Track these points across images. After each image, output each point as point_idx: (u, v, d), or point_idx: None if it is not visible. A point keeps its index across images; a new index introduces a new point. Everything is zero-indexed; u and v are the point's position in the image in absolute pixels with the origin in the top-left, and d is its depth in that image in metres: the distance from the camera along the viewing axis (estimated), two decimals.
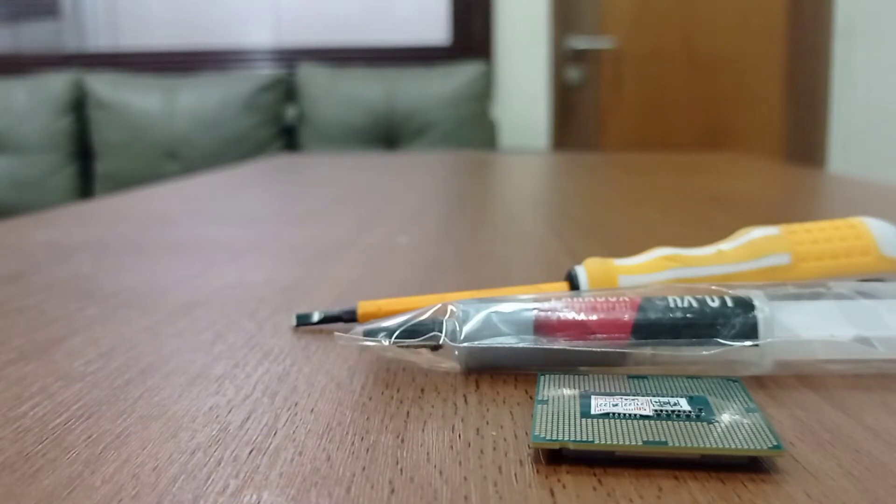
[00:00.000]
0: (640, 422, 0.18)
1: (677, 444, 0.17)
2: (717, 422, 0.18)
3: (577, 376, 0.21)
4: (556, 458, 0.17)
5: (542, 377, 0.21)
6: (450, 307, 0.23)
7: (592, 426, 0.18)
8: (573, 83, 2.26)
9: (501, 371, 0.23)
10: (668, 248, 0.29)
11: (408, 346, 0.23)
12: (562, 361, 0.22)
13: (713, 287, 0.23)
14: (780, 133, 2.33)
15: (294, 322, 0.28)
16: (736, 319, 0.22)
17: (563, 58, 2.24)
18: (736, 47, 2.29)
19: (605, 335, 0.22)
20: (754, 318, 0.22)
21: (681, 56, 2.28)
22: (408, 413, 0.20)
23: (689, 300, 0.22)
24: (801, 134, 2.36)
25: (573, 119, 2.29)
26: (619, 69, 2.27)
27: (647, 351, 0.22)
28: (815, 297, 0.23)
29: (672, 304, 0.22)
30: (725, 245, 0.29)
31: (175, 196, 0.72)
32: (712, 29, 2.28)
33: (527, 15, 2.17)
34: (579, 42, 2.23)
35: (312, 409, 0.20)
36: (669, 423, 0.18)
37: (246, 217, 0.56)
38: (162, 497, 0.16)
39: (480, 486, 0.16)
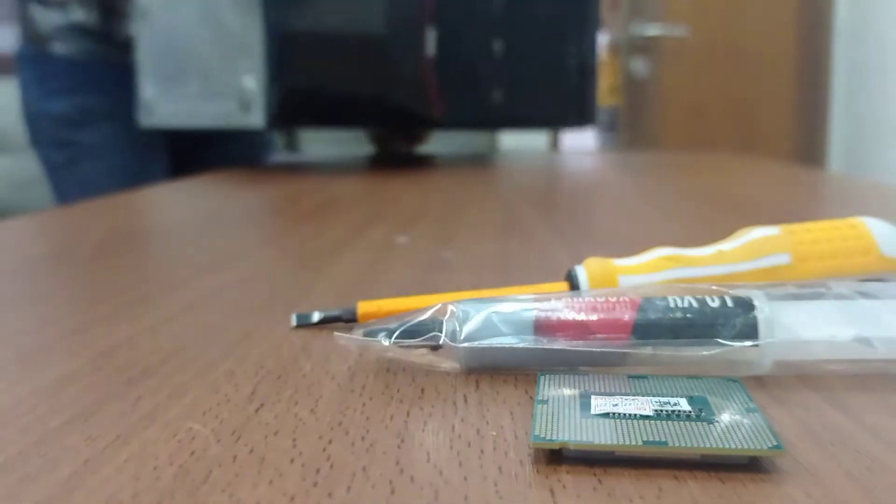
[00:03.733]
0: (640, 422, 0.18)
1: (677, 444, 0.17)
2: (717, 422, 0.18)
3: (577, 376, 0.21)
4: (556, 458, 0.17)
5: (542, 377, 0.21)
6: (450, 307, 0.23)
7: (592, 426, 0.18)
8: None
9: (501, 371, 0.23)
10: (668, 248, 0.29)
11: (408, 346, 0.23)
12: (562, 361, 0.22)
13: (713, 287, 0.23)
14: (790, 134, 2.33)
15: (294, 322, 0.28)
16: (736, 319, 0.22)
17: None
18: (758, 45, 2.27)
19: (605, 335, 0.22)
20: (754, 318, 0.22)
21: (721, 52, 2.24)
22: (408, 413, 0.20)
23: (689, 300, 0.22)
24: (803, 134, 2.36)
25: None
26: (674, 64, 2.23)
27: (648, 351, 0.22)
28: (816, 297, 0.23)
29: (672, 304, 0.22)
30: (725, 245, 0.29)
31: (176, 196, 0.72)
32: (739, 24, 2.25)
33: None
34: None
35: (312, 409, 0.20)
36: (669, 423, 0.18)
37: (246, 217, 0.57)
38: (162, 497, 0.16)
39: (480, 486, 0.16)
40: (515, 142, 2.20)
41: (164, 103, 1.00)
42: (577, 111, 1.05)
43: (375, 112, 0.92)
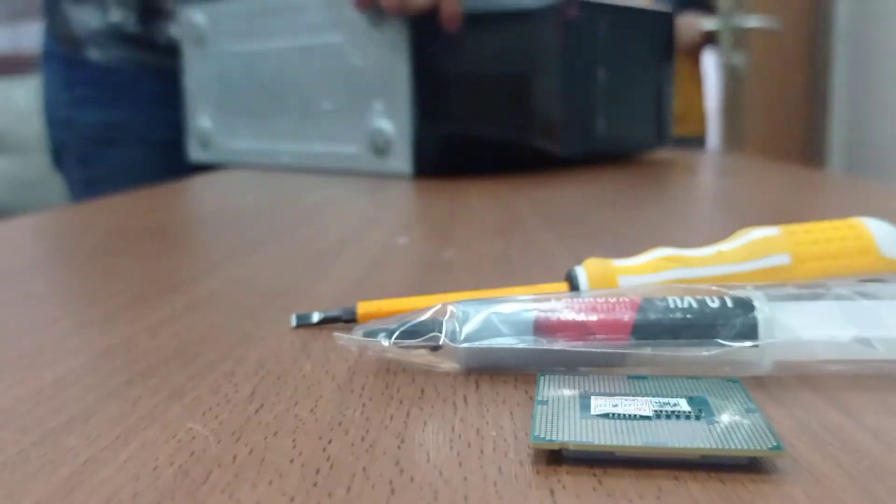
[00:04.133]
0: (640, 422, 0.18)
1: (677, 445, 0.17)
2: (717, 422, 0.18)
3: (576, 377, 0.21)
4: (555, 458, 0.17)
5: (542, 378, 0.21)
6: (450, 308, 0.23)
7: (592, 426, 0.18)
8: None
9: (501, 371, 0.23)
10: (668, 249, 0.29)
11: (407, 347, 0.23)
12: (562, 362, 0.22)
13: (713, 287, 0.23)
14: (796, 135, 2.31)
15: (294, 322, 0.28)
16: (736, 320, 0.22)
17: None
18: (781, 42, 2.22)
19: (605, 336, 0.22)
20: (754, 318, 0.22)
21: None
22: (408, 413, 0.20)
23: (688, 301, 0.22)
24: (805, 134, 2.35)
25: None
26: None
27: (647, 351, 0.22)
28: (815, 297, 0.23)
29: (672, 305, 0.22)
30: (725, 245, 0.29)
31: (175, 195, 0.72)
32: None
33: None
34: None
35: (312, 409, 0.20)
36: (669, 423, 0.18)
37: (245, 217, 0.57)
38: (162, 497, 0.16)
39: (480, 486, 0.16)
40: None
41: (225, 138, 0.94)
42: (655, 133, 1.04)
43: (515, 155, 0.88)
